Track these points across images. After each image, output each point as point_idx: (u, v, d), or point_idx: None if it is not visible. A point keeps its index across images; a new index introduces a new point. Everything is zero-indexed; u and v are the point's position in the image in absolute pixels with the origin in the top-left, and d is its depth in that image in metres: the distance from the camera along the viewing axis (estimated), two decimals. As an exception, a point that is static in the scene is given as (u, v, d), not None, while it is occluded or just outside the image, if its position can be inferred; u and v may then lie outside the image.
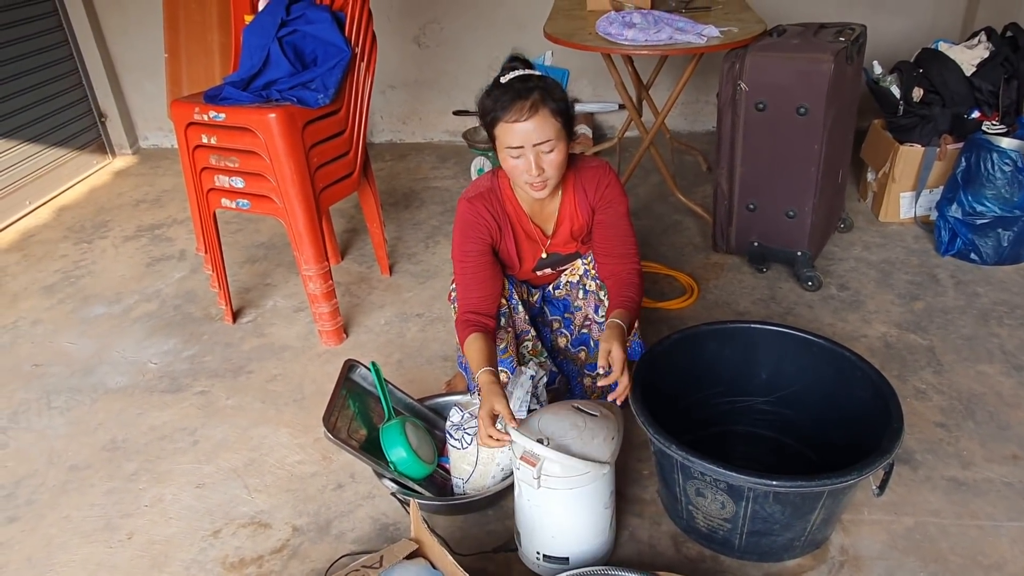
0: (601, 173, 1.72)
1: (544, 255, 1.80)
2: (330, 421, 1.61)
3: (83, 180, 3.73)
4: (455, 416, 1.69)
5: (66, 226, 3.24)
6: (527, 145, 1.51)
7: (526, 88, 1.51)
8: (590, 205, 1.73)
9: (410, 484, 1.63)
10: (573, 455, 1.36)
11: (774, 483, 1.31)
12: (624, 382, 1.49)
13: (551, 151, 1.53)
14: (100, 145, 3.94)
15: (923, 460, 1.76)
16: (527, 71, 1.55)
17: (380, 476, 1.66)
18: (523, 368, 1.68)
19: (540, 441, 1.37)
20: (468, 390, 1.88)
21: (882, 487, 1.42)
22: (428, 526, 1.42)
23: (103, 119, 3.94)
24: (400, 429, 1.66)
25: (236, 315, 2.48)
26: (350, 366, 1.78)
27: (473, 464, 1.64)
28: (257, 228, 3.12)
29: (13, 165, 3.32)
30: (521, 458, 1.40)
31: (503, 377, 1.75)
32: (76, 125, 3.75)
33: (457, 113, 3.93)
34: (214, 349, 2.32)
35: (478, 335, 1.59)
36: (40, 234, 3.18)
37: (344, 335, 2.34)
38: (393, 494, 1.65)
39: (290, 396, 2.10)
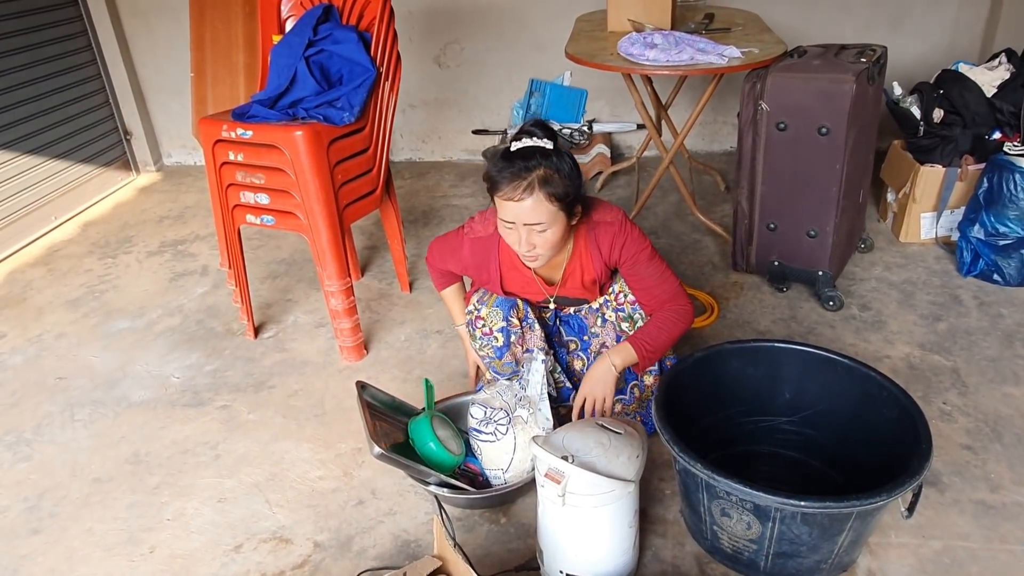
0: (615, 230, 1.66)
1: (549, 302, 1.82)
2: (381, 442, 1.58)
3: (108, 196, 3.79)
4: (478, 413, 1.71)
5: (91, 241, 3.29)
6: (518, 223, 1.52)
7: (527, 167, 1.47)
8: (604, 261, 1.71)
9: (457, 483, 1.65)
10: (598, 473, 1.36)
11: (802, 504, 1.30)
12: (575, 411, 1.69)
13: (544, 231, 1.53)
14: (125, 162, 4.00)
15: (950, 483, 1.74)
16: (537, 143, 1.51)
17: (425, 483, 1.66)
18: (532, 355, 1.73)
19: (565, 458, 1.37)
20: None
21: (911, 509, 1.40)
22: (454, 543, 1.42)
23: (128, 137, 4.01)
24: (428, 423, 1.71)
25: (258, 330, 2.50)
26: (362, 386, 1.79)
27: (512, 451, 1.67)
28: (279, 244, 3.15)
29: (40, 181, 3.38)
30: (546, 475, 1.39)
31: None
32: (102, 142, 3.82)
33: (477, 132, 3.97)
34: (236, 364, 2.34)
35: (458, 287, 1.91)
36: (65, 249, 3.23)
37: (365, 351, 2.35)
38: (436, 497, 1.64)
39: (311, 411, 2.10)
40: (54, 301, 2.79)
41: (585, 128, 3.78)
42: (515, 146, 1.52)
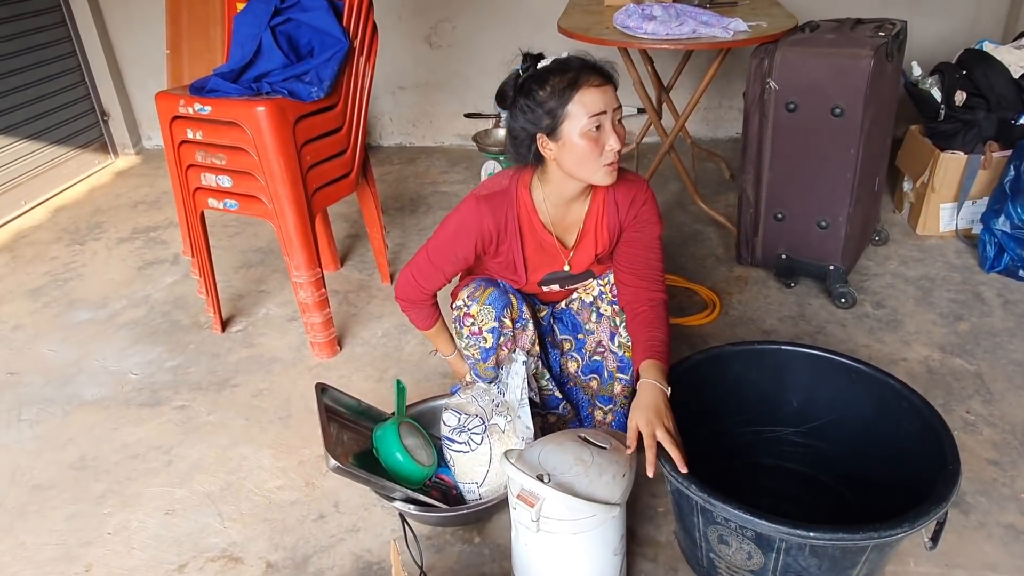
0: (638, 189, 1.56)
1: (567, 267, 1.62)
2: (336, 454, 1.41)
3: (83, 180, 3.63)
4: (451, 420, 1.56)
5: (60, 227, 3.12)
6: (609, 110, 1.38)
7: (586, 59, 1.41)
8: (619, 222, 1.57)
9: (425, 499, 1.49)
10: (578, 495, 1.19)
11: (811, 534, 1.12)
12: (651, 456, 1.30)
13: (621, 119, 1.42)
14: (102, 144, 3.83)
15: (975, 503, 1.56)
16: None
17: (391, 499, 1.50)
18: (512, 356, 1.58)
19: (540, 478, 1.20)
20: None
21: (935, 539, 1.23)
22: (420, 569, 1.25)
23: (106, 118, 3.84)
24: (395, 430, 1.55)
25: (226, 323, 2.34)
26: (322, 389, 1.62)
27: (487, 463, 1.51)
28: (256, 232, 2.98)
29: (10, 163, 3.21)
30: (518, 496, 1.22)
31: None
32: (78, 123, 3.65)
33: (469, 116, 3.78)
34: (199, 360, 2.18)
35: (443, 320, 1.72)
36: (32, 235, 3.07)
37: (338, 347, 2.18)
38: (401, 514, 1.48)
39: (275, 413, 1.94)
40: (14, 290, 2.63)
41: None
42: (544, 63, 1.43)
